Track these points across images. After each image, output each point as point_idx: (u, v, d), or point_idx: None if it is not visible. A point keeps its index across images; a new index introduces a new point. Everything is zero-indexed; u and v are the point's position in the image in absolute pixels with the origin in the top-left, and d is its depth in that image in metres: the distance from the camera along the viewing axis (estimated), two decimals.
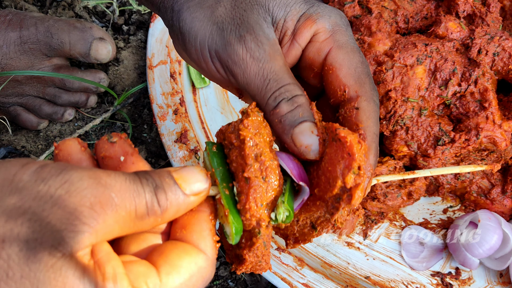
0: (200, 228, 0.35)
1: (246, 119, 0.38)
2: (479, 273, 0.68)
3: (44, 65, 0.74)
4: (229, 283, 0.71)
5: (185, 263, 0.32)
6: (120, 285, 0.29)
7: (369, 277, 0.67)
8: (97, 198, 0.29)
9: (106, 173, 0.30)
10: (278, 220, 0.39)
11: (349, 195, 0.38)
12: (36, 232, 0.27)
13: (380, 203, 0.68)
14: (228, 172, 0.38)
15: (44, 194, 0.28)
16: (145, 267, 0.31)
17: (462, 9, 0.72)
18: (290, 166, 0.40)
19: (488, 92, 0.66)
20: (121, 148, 0.34)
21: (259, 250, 0.38)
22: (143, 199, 0.31)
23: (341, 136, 0.37)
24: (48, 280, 0.26)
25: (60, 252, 0.27)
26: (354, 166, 0.37)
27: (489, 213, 0.66)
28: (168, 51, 0.79)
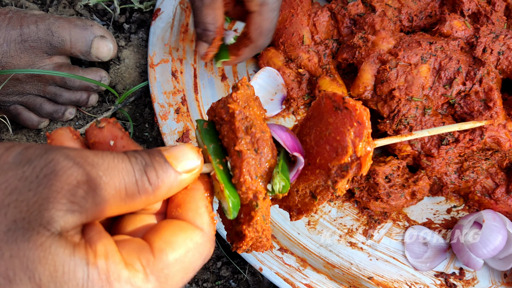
0: (196, 206, 0.34)
1: (235, 93, 0.38)
2: (483, 274, 0.67)
3: (45, 64, 0.74)
4: (231, 283, 0.70)
5: (180, 239, 0.32)
6: (112, 261, 0.28)
7: (372, 278, 0.67)
8: (84, 177, 0.28)
9: (92, 153, 0.30)
10: (275, 191, 0.39)
11: (359, 163, 0.38)
12: (24, 212, 0.27)
13: (384, 203, 0.68)
14: (221, 148, 0.38)
15: (29, 174, 0.28)
16: (138, 244, 0.31)
17: (467, 7, 0.71)
18: (283, 137, 0.40)
19: (492, 91, 0.66)
20: (110, 133, 0.34)
21: (258, 224, 0.38)
22: (132, 177, 0.30)
23: (350, 105, 0.37)
24: (38, 259, 0.26)
25: (48, 231, 0.27)
26: (364, 134, 0.37)
27: (493, 213, 0.65)
28: (170, 49, 0.78)
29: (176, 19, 0.81)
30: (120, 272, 0.28)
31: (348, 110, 0.38)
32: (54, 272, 0.26)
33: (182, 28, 0.80)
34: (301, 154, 0.40)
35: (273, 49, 0.77)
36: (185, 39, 0.80)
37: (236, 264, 0.71)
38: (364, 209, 0.71)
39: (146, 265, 0.30)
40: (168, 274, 0.31)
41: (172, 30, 0.80)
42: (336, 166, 0.39)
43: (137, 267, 0.29)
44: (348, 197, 0.72)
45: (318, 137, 0.40)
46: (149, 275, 0.30)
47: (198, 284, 0.70)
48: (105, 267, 0.28)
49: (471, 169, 0.68)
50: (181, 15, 0.81)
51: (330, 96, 0.40)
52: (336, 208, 0.71)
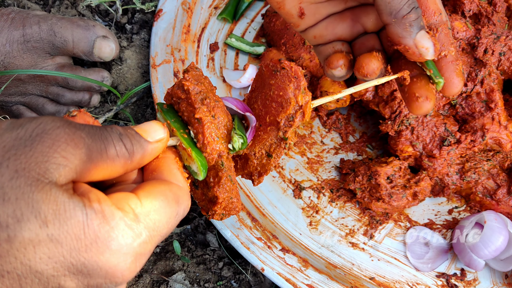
0: (169, 168, 0.39)
1: (187, 73, 0.43)
2: (485, 274, 0.67)
3: (47, 64, 0.74)
4: (233, 284, 0.70)
5: (161, 190, 0.36)
6: (104, 204, 0.32)
7: (374, 278, 0.67)
8: (71, 136, 0.32)
9: (74, 123, 0.34)
10: (236, 148, 0.44)
11: (302, 112, 0.45)
12: (23, 163, 0.30)
13: (385, 204, 0.68)
14: (182, 122, 0.43)
15: (23, 135, 0.31)
16: (125, 194, 0.35)
17: (468, 8, 0.71)
18: (234, 103, 0.46)
19: (494, 92, 0.66)
20: (82, 119, 0.37)
21: (226, 184, 0.43)
22: (110, 142, 0.34)
23: (286, 64, 0.44)
24: (41, 199, 0.30)
25: (46, 179, 0.30)
26: (302, 86, 0.44)
27: (495, 214, 0.65)
28: (172, 50, 0.79)
29: (178, 20, 0.81)
30: (114, 211, 0.32)
31: (285, 70, 0.44)
32: (57, 210, 0.30)
33: (184, 28, 0.80)
34: (251, 113, 0.46)
35: (275, 49, 0.77)
36: (187, 40, 0.80)
37: (238, 264, 0.71)
38: (365, 210, 0.71)
39: (134, 208, 0.34)
40: (155, 218, 0.34)
41: (174, 30, 0.80)
42: (283, 118, 0.45)
43: (127, 209, 0.33)
44: (349, 197, 0.72)
45: (264, 99, 0.46)
46: (138, 216, 0.33)
47: (200, 284, 0.70)
48: (100, 208, 0.32)
49: (473, 170, 0.68)
50: (183, 16, 0.81)
51: (267, 63, 0.46)
52: (337, 209, 0.71)
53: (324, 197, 0.72)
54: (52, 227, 0.30)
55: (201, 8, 0.83)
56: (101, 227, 0.31)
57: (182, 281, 0.69)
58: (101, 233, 0.31)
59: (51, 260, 0.30)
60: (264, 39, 0.83)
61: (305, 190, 0.72)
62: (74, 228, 0.30)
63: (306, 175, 0.74)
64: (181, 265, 0.71)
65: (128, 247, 0.32)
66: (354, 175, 0.70)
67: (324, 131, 0.77)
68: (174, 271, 0.71)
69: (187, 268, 0.71)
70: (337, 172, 0.75)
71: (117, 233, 0.32)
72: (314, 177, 0.74)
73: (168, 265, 0.71)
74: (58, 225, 0.30)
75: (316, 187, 0.73)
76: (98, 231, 0.31)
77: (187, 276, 0.70)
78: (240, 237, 0.66)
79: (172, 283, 0.69)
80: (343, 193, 0.73)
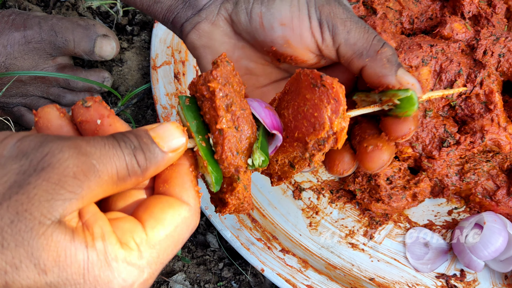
0: (182, 181, 0.36)
1: (215, 70, 0.39)
2: (484, 275, 0.67)
3: (48, 65, 0.74)
4: (233, 284, 0.70)
5: (169, 216, 0.34)
6: (108, 242, 0.31)
7: (373, 279, 0.67)
8: (79, 167, 0.30)
9: (85, 141, 0.32)
10: (255, 165, 0.41)
11: (335, 138, 0.41)
12: (25, 204, 0.29)
13: (385, 205, 0.68)
14: (203, 124, 0.40)
15: (27, 168, 0.29)
16: (131, 223, 0.33)
17: (467, 9, 0.71)
18: (262, 115, 0.42)
19: (493, 93, 0.66)
20: (96, 112, 0.35)
21: (240, 193, 0.40)
22: (123, 162, 0.32)
23: (327, 83, 0.40)
24: (41, 246, 0.29)
25: (49, 220, 0.29)
26: (340, 111, 0.40)
27: (494, 215, 0.66)
28: (172, 51, 0.79)
29: None
30: (117, 252, 0.31)
31: (325, 88, 0.40)
32: (57, 257, 0.29)
33: None
34: (279, 131, 0.43)
35: None
36: None
37: (238, 265, 0.71)
38: (365, 211, 0.71)
39: (139, 244, 0.32)
40: (160, 249, 0.33)
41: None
42: (313, 140, 0.42)
43: (131, 246, 0.32)
44: (349, 198, 0.72)
45: (296, 111, 0.43)
46: (143, 252, 0.32)
47: (200, 285, 0.70)
48: (103, 248, 0.30)
49: (472, 171, 0.68)
50: None
51: (308, 73, 0.42)
52: (337, 210, 0.72)
53: (324, 198, 0.72)
54: (51, 275, 0.29)
55: None
56: (102, 271, 0.30)
57: (182, 281, 0.70)
58: (101, 278, 0.30)
59: None
60: None
61: (305, 191, 0.73)
62: (74, 274, 0.30)
63: (306, 176, 0.74)
64: (182, 266, 0.71)
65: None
66: (354, 176, 0.70)
67: None
68: (175, 272, 0.71)
69: (188, 269, 0.71)
70: None
71: (118, 276, 0.31)
72: (314, 178, 0.74)
73: (169, 266, 0.72)
74: (58, 273, 0.29)
75: (316, 188, 0.73)
76: (98, 275, 0.30)
77: (187, 276, 0.70)
78: (240, 238, 0.66)
79: (173, 283, 0.69)
80: (343, 194, 0.73)
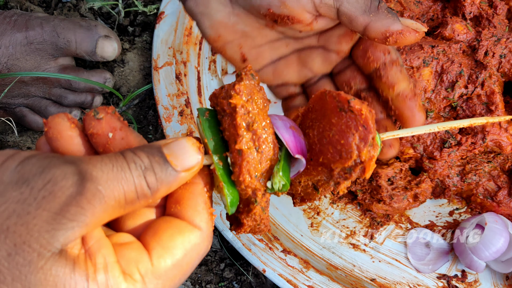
0: (195, 203, 0.34)
1: (238, 84, 0.36)
2: (485, 276, 0.68)
3: (50, 66, 0.75)
4: (234, 285, 0.71)
5: (178, 243, 0.32)
6: (111, 275, 0.29)
7: (375, 280, 0.67)
8: (83, 195, 0.28)
9: (91, 165, 0.30)
10: (275, 189, 0.38)
11: (363, 167, 0.37)
12: (23, 236, 0.27)
13: (386, 205, 0.68)
14: (222, 141, 0.37)
15: (27, 196, 0.27)
16: (137, 252, 0.31)
17: (468, 10, 0.71)
18: (286, 137, 0.39)
19: (494, 94, 0.66)
20: (108, 124, 0.33)
21: (257, 215, 0.38)
22: (132, 185, 0.30)
23: (355, 109, 0.37)
24: (39, 281, 0.27)
25: (49, 251, 0.27)
26: (369, 139, 0.37)
27: (496, 216, 0.66)
28: (174, 52, 0.79)
29: (180, 22, 0.81)
30: (119, 285, 0.29)
31: (353, 113, 0.37)
32: None
33: (186, 31, 0.81)
34: (303, 155, 0.40)
35: None
36: (189, 42, 0.80)
37: (240, 265, 0.71)
38: (366, 211, 0.71)
39: (144, 275, 0.30)
40: (166, 279, 0.31)
41: (176, 33, 0.80)
42: (339, 168, 0.38)
43: (135, 277, 0.30)
44: (350, 199, 0.72)
45: (321, 135, 0.40)
46: (147, 284, 0.30)
47: (201, 285, 0.70)
48: (105, 281, 0.28)
49: (473, 171, 0.68)
50: (185, 18, 0.81)
51: (334, 95, 0.39)
52: (338, 210, 0.72)
53: (325, 199, 0.72)
54: None
55: None
56: None
57: (183, 282, 0.70)
58: None
59: None
60: None
61: None
62: None
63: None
64: None
65: None
66: None
67: None
68: None
69: None
70: None
71: None
72: None
73: None
74: None
75: None
76: None
77: (188, 277, 0.71)
78: (241, 239, 0.66)
79: None
80: (344, 194, 0.73)
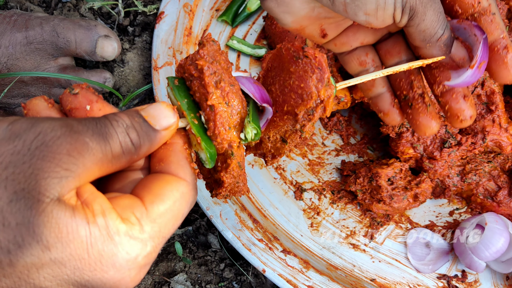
0: (177, 159, 0.37)
1: (202, 49, 0.39)
2: (486, 276, 0.67)
3: (50, 66, 0.74)
4: (234, 285, 0.70)
5: (167, 191, 0.34)
6: (109, 218, 0.31)
7: (374, 280, 0.67)
8: (73, 144, 0.30)
9: (76, 121, 0.32)
10: (248, 139, 0.41)
11: (323, 106, 0.42)
12: (22, 183, 0.29)
13: (386, 205, 0.68)
14: (194, 103, 0.40)
15: (21, 148, 0.29)
16: (130, 199, 0.33)
17: None
18: (252, 90, 0.42)
19: (495, 94, 0.66)
20: (85, 98, 0.36)
21: (234, 170, 0.41)
22: (116, 140, 0.33)
23: (310, 53, 0.41)
24: (42, 223, 0.29)
25: (48, 197, 0.29)
26: (325, 78, 0.41)
27: (496, 216, 0.66)
28: (174, 52, 0.79)
29: (180, 22, 0.81)
30: (118, 226, 0.31)
31: (308, 58, 0.41)
32: (59, 233, 0.29)
33: (186, 31, 0.81)
34: (269, 104, 0.43)
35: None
36: (189, 42, 0.80)
37: (239, 265, 0.71)
38: (366, 211, 0.71)
39: (140, 218, 0.32)
40: (161, 223, 0.33)
41: (176, 33, 0.80)
42: (303, 111, 0.42)
43: (132, 221, 0.32)
44: (350, 199, 0.72)
45: (282, 86, 0.43)
46: (144, 226, 0.32)
47: (201, 285, 0.70)
48: (104, 223, 0.30)
49: (474, 171, 0.68)
50: (185, 18, 0.81)
51: (289, 47, 0.42)
52: (338, 211, 0.72)
53: (325, 199, 0.72)
54: (54, 251, 0.29)
55: (203, 10, 0.83)
56: (106, 245, 0.30)
57: (183, 282, 0.70)
58: (105, 252, 0.30)
59: (55, 278, 0.30)
60: (265, 41, 0.83)
61: (306, 191, 0.73)
62: (78, 249, 0.30)
63: (307, 176, 0.74)
64: (183, 266, 0.71)
65: (133, 262, 0.32)
66: (355, 177, 0.70)
67: (325, 133, 0.78)
68: (176, 272, 0.71)
69: (189, 269, 0.71)
70: (338, 174, 0.75)
71: (122, 249, 0.31)
72: (315, 179, 0.74)
73: (170, 266, 0.72)
74: (61, 249, 0.29)
75: (317, 189, 0.73)
76: (102, 250, 0.30)
77: (188, 277, 0.71)
78: (241, 239, 0.66)
79: (174, 284, 0.69)
80: (344, 194, 0.73)
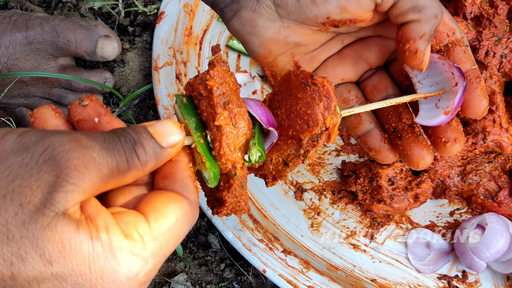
0: (181, 176, 0.37)
1: (212, 70, 0.40)
2: (486, 276, 0.67)
3: (50, 66, 0.74)
4: (235, 285, 0.70)
5: (170, 209, 0.35)
6: (113, 234, 0.31)
7: (375, 280, 0.67)
8: (80, 159, 0.31)
9: (85, 135, 0.32)
10: (252, 161, 0.42)
11: (328, 134, 0.43)
12: (28, 196, 0.29)
13: (387, 206, 0.68)
14: (201, 122, 0.41)
15: (29, 161, 0.30)
16: (134, 216, 0.33)
17: (469, 10, 0.71)
18: (258, 113, 0.44)
19: (495, 94, 0.66)
20: (93, 110, 0.36)
21: (236, 190, 0.42)
22: (123, 156, 0.33)
23: (318, 81, 0.42)
24: (46, 237, 0.29)
25: (52, 212, 0.29)
26: (332, 107, 0.42)
27: (496, 216, 0.65)
28: (174, 52, 0.79)
29: (180, 22, 0.81)
30: (121, 243, 0.31)
31: (316, 86, 0.42)
32: (62, 248, 0.29)
33: (186, 31, 0.81)
34: (274, 128, 0.44)
35: None
36: (189, 42, 0.80)
37: (240, 266, 0.71)
38: (367, 212, 0.71)
39: (143, 235, 0.33)
40: (163, 241, 0.34)
41: (176, 33, 0.80)
42: (307, 137, 0.43)
43: (135, 237, 0.32)
44: (351, 199, 0.72)
45: (288, 111, 0.45)
46: (146, 243, 0.33)
47: (201, 286, 0.70)
48: (108, 239, 0.31)
49: (474, 172, 0.68)
50: (185, 18, 0.81)
51: (298, 73, 0.44)
52: (339, 211, 0.72)
53: (326, 199, 0.72)
54: (57, 266, 0.29)
55: (203, 10, 0.83)
56: (108, 261, 0.31)
57: (184, 282, 0.70)
58: (107, 268, 0.31)
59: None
60: None
61: (307, 192, 0.73)
62: (80, 265, 0.30)
63: (308, 177, 0.74)
64: (183, 267, 0.71)
65: (133, 279, 0.32)
66: (356, 177, 0.70)
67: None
68: (176, 273, 0.71)
69: (189, 270, 0.71)
70: (338, 174, 0.75)
71: (124, 266, 0.31)
72: (316, 179, 0.74)
73: (170, 267, 0.72)
74: (63, 264, 0.29)
75: (318, 189, 0.73)
76: (104, 266, 0.30)
77: (189, 277, 0.70)
78: (242, 239, 0.66)
79: (174, 284, 0.69)
80: (344, 195, 0.73)
